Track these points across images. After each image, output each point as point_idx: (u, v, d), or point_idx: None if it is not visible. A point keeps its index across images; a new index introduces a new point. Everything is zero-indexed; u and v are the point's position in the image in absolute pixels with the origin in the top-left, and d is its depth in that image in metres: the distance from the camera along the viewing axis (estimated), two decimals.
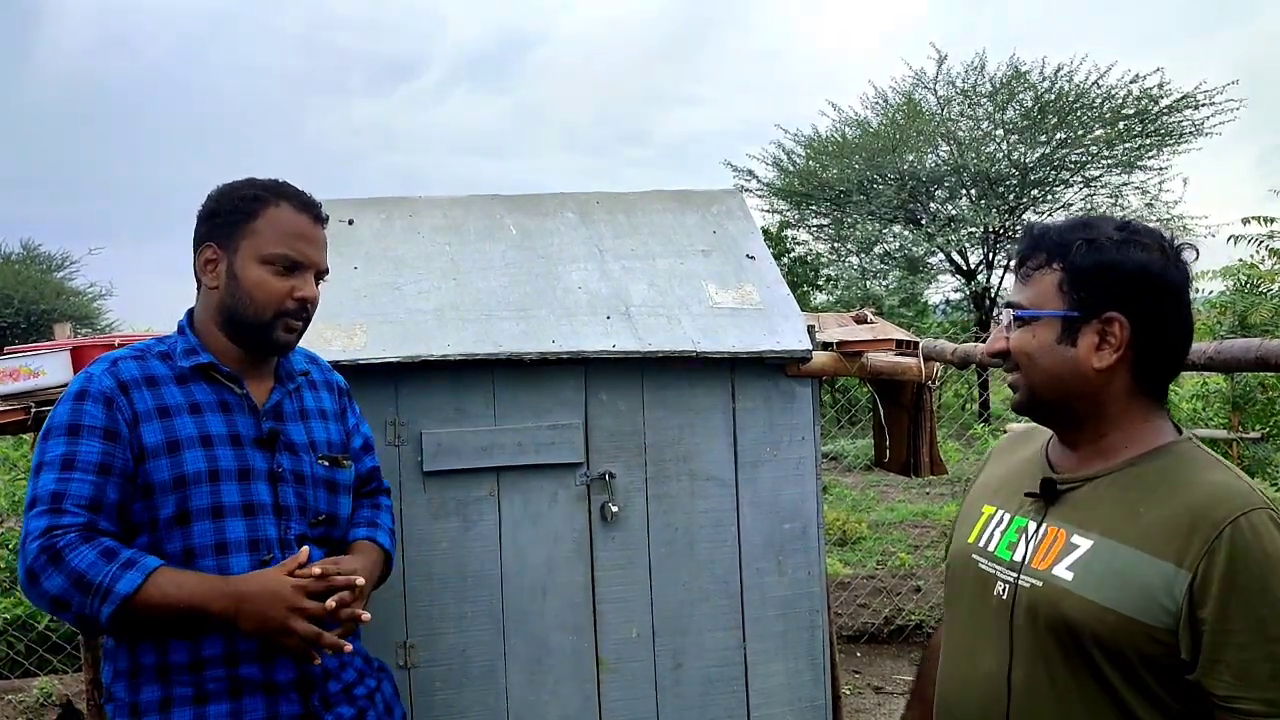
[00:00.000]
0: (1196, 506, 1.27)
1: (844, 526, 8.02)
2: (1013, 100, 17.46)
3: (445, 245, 2.77)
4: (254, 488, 1.77)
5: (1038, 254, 1.42)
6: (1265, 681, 1.19)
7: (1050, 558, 1.39)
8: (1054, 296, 1.38)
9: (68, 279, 23.64)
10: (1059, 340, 1.38)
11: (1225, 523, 1.23)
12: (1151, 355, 1.37)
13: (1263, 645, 1.19)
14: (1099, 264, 1.35)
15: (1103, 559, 1.33)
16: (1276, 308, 5.70)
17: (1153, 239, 1.36)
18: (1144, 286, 1.34)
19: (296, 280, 1.81)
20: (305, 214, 1.84)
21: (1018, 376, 1.45)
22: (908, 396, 2.97)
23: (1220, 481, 1.29)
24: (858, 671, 5.32)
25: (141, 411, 1.72)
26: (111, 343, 2.43)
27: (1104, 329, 1.35)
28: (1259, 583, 1.20)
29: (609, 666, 2.56)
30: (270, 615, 1.64)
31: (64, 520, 1.63)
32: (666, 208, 3.03)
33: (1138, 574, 1.28)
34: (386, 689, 2.00)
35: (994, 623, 1.44)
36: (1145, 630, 1.26)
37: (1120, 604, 1.28)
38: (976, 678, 1.47)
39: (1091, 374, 1.37)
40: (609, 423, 2.57)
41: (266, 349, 1.85)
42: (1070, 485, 1.43)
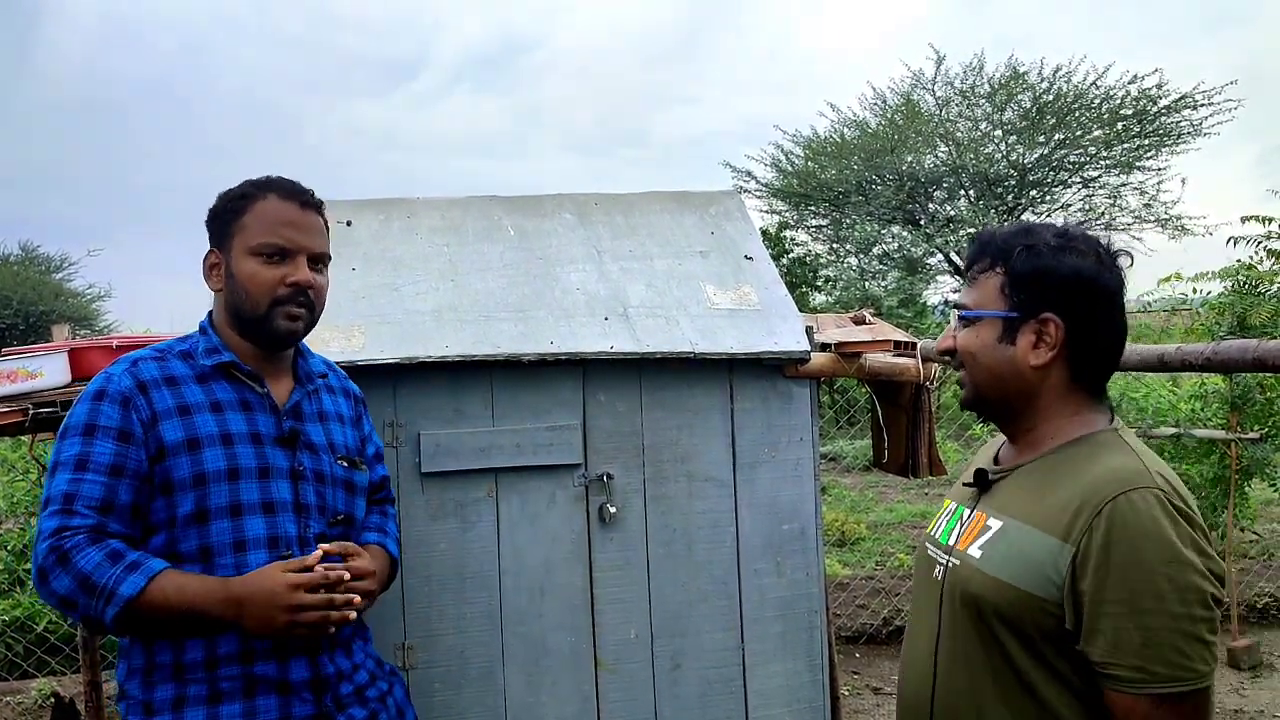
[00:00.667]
0: (1089, 487, 1.36)
1: (843, 527, 8.02)
2: (1011, 101, 17.46)
3: (443, 246, 2.77)
4: (274, 485, 1.78)
5: (983, 258, 1.53)
6: (1137, 649, 1.27)
7: (968, 539, 1.52)
8: (996, 298, 1.50)
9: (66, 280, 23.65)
10: (1000, 339, 1.49)
11: (1107, 500, 1.32)
12: (1085, 354, 1.47)
13: (1134, 615, 1.27)
14: (1036, 269, 1.45)
15: (1007, 538, 1.44)
16: (1276, 308, 5.70)
17: (1089, 246, 1.47)
18: (1078, 290, 1.44)
19: (287, 267, 1.81)
20: (291, 201, 1.84)
21: (964, 374, 1.57)
22: (906, 397, 2.97)
23: (1117, 464, 1.37)
24: (856, 672, 5.32)
25: (161, 410, 1.74)
26: (109, 344, 2.43)
27: (1040, 329, 1.46)
28: (1132, 556, 1.28)
29: (607, 667, 2.56)
30: (271, 617, 1.65)
31: (74, 521, 1.64)
32: (665, 209, 3.03)
33: (1033, 551, 1.38)
34: (398, 693, 2.01)
35: (930, 602, 1.57)
36: (1039, 604, 1.35)
37: (1017, 579, 1.38)
38: (916, 656, 1.60)
39: (1028, 371, 1.48)
40: (607, 424, 2.57)
41: (272, 341, 1.85)
42: (1001, 475, 1.55)
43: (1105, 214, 18.34)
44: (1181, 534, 1.29)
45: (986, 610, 1.41)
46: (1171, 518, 1.29)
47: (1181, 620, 1.26)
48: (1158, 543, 1.28)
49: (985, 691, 1.43)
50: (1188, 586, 1.27)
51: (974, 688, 1.44)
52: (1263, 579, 6.42)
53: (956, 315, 1.57)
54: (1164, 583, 1.26)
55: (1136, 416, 6.87)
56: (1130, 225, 18.28)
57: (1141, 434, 6.21)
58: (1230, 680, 5.21)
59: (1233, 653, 5.40)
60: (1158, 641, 1.26)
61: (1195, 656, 1.27)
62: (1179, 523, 1.30)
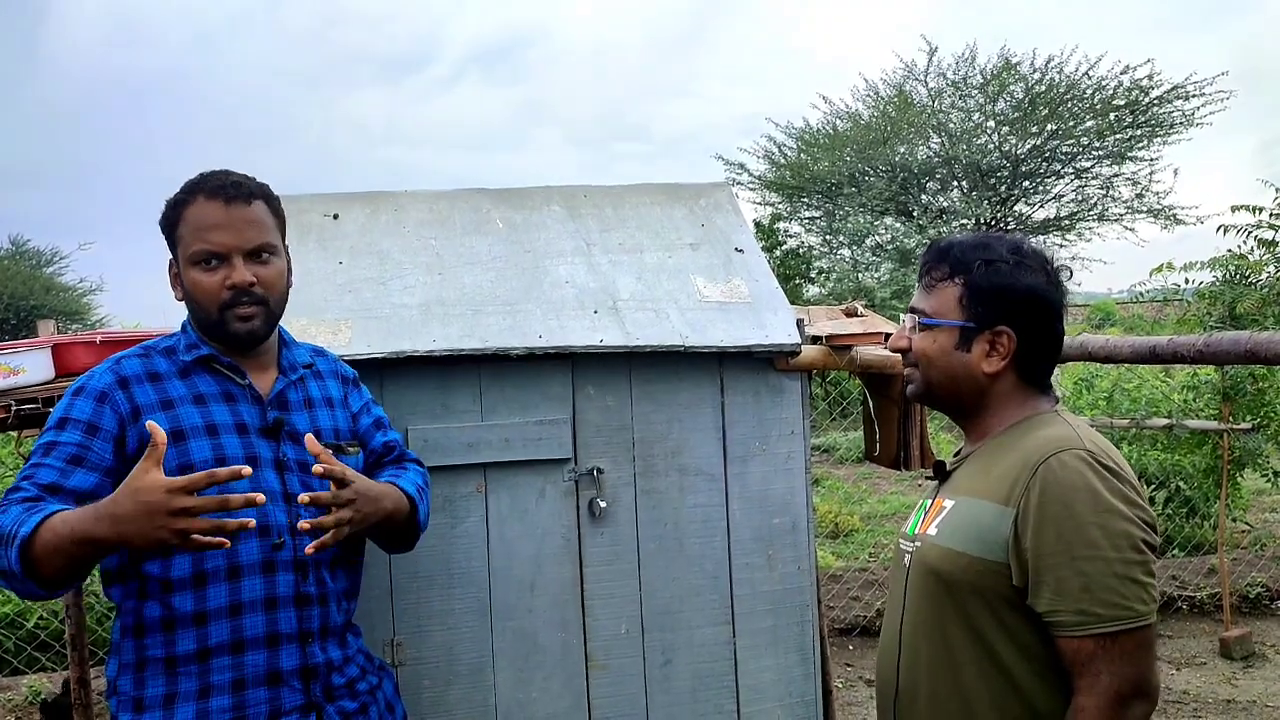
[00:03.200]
0: (1025, 455, 1.49)
1: (836, 519, 8.02)
2: (1003, 92, 17.46)
3: (431, 240, 2.75)
4: (261, 475, 1.77)
5: (940, 266, 1.64)
6: (1077, 594, 1.39)
7: (927, 523, 1.64)
8: (954, 308, 1.62)
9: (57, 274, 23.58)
10: (956, 346, 1.62)
11: (1040, 462, 1.45)
12: (1032, 359, 1.61)
13: (1071, 563, 1.39)
14: (995, 285, 1.58)
15: (960, 513, 1.56)
16: (1264, 298, 5.70)
17: (1038, 262, 1.61)
18: (1031, 306, 1.58)
19: (224, 270, 1.77)
20: (216, 200, 1.78)
21: (914, 371, 1.69)
22: (898, 390, 2.95)
23: (1051, 433, 1.51)
24: (850, 665, 5.32)
25: (144, 405, 1.74)
26: (93, 339, 2.41)
27: (994, 339, 1.60)
28: (1065, 509, 1.40)
29: (598, 663, 2.55)
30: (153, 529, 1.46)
31: (14, 496, 1.61)
32: (654, 201, 3.00)
33: (981, 518, 1.50)
34: (388, 688, 2.01)
35: (898, 588, 1.68)
36: (990, 567, 1.47)
37: (969, 546, 1.50)
38: (886, 639, 1.71)
39: (981, 376, 1.61)
40: (597, 418, 2.55)
41: (233, 344, 1.83)
42: (957, 464, 1.69)
43: (1098, 204, 18.37)
44: (1110, 487, 1.42)
45: (945, 579, 1.53)
46: (1098, 473, 1.42)
47: (1114, 564, 1.38)
48: (1087, 494, 1.40)
49: (944, 659, 1.53)
50: (1118, 533, 1.39)
51: (934, 656, 1.55)
52: (1255, 569, 6.43)
53: (914, 319, 1.68)
54: (1095, 531, 1.38)
55: (1130, 408, 6.89)
56: (1123, 216, 18.32)
57: (1135, 425, 6.21)
58: (1223, 670, 5.22)
59: (1225, 643, 5.42)
60: (1096, 585, 1.38)
61: (1132, 597, 1.38)
62: (1106, 477, 1.42)
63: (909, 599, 1.63)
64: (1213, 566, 6.15)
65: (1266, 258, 5.73)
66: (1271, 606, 6.17)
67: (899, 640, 1.64)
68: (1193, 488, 7.01)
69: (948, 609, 1.53)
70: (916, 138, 18.20)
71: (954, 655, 1.52)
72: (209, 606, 1.71)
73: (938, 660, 1.55)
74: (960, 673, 1.52)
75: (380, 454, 2.04)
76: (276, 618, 1.75)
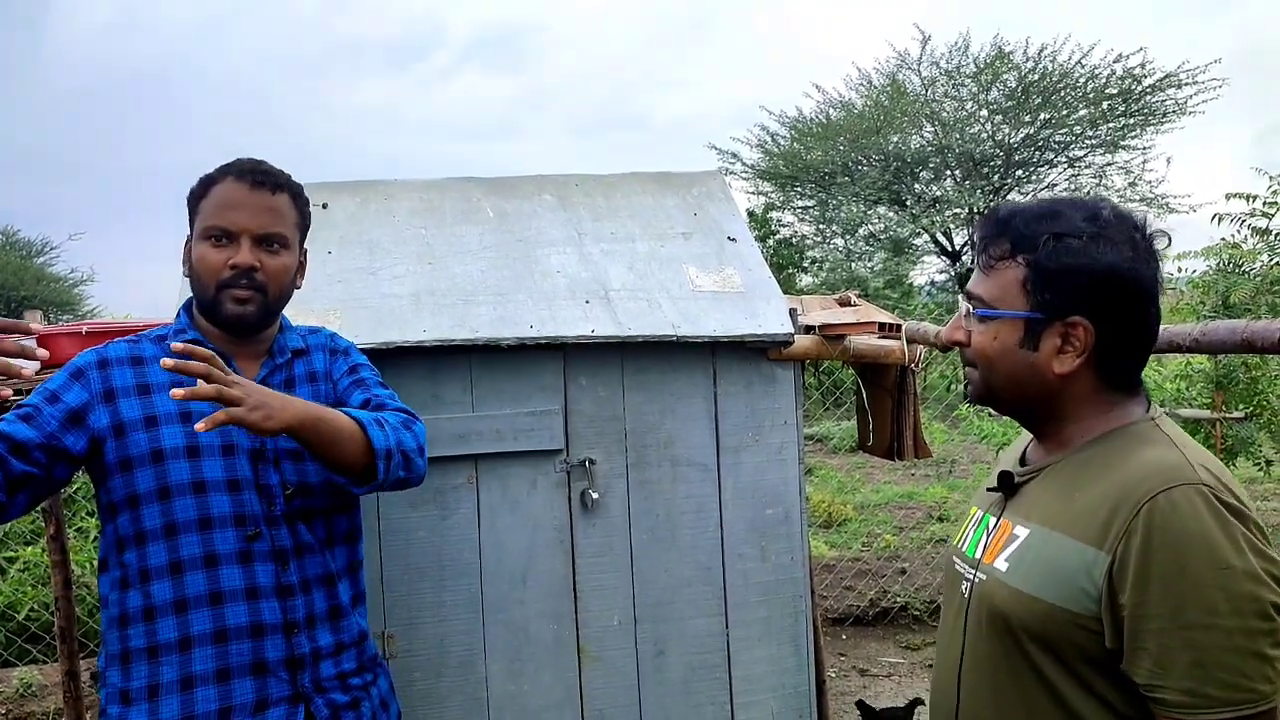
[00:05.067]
0: (1123, 486, 1.21)
1: (829, 509, 8.03)
2: (997, 81, 17.44)
3: (421, 229, 2.72)
4: (238, 463, 1.76)
5: (1000, 242, 1.34)
6: (1186, 669, 1.12)
7: (994, 550, 1.37)
8: (1017, 295, 1.32)
9: (48, 265, 23.48)
10: (1021, 344, 1.33)
11: (1145, 500, 1.17)
12: (1117, 353, 1.31)
13: (1182, 632, 1.12)
14: (1066, 266, 1.28)
15: (1034, 548, 1.29)
16: (1258, 286, 5.70)
17: (1124, 232, 1.29)
18: (1112, 289, 1.27)
19: (230, 249, 1.77)
20: (242, 182, 1.80)
21: (974, 372, 1.42)
22: (891, 380, 2.94)
23: (1154, 458, 1.22)
24: (843, 654, 5.33)
25: (119, 387, 1.74)
26: (78, 330, 2.38)
27: (1067, 332, 1.30)
28: (1176, 564, 1.13)
29: (590, 655, 2.53)
30: None
31: None
32: (646, 190, 2.98)
33: (1063, 560, 1.23)
34: (383, 684, 1.98)
35: (957, 619, 1.42)
36: (1073, 619, 1.21)
37: (1047, 592, 1.24)
38: (941, 679, 1.46)
39: (1052, 378, 1.32)
40: (589, 409, 2.54)
41: (223, 325, 1.81)
42: (1028, 477, 1.40)
43: (1091, 193, 18.37)
44: (1232, 535, 1.13)
45: (1015, 627, 1.27)
46: (1219, 517, 1.14)
47: (1236, 635, 1.11)
48: (1205, 546, 1.13)
49: (1013, 714, 1.30)
50: (1242, 595, 1.11)
51: (1001, 710, 1.31)
52: None
53: (968, 307, 1.40)
54: (1215, 593, 1.11)
55: None
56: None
57: None
58: None
59: None
60: (1210, 660, 1.11)
61: (1255, 675, 1.11)
62: (1229, 522, 1.14)
63: (970, 638, 1.38)
64: None
65: (1260, 246, 5.72)
66: None
67: (958, 683, 1.40)
68: None
69: (1019, 660, 1.28)
70: (910, 127, 18.19)
71: (1024, 712, 1.28)
72: (188, 594, 1.70)
73: (1006, 716, 1.31)
74: None
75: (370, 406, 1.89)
76: (259, 608, 1.73)
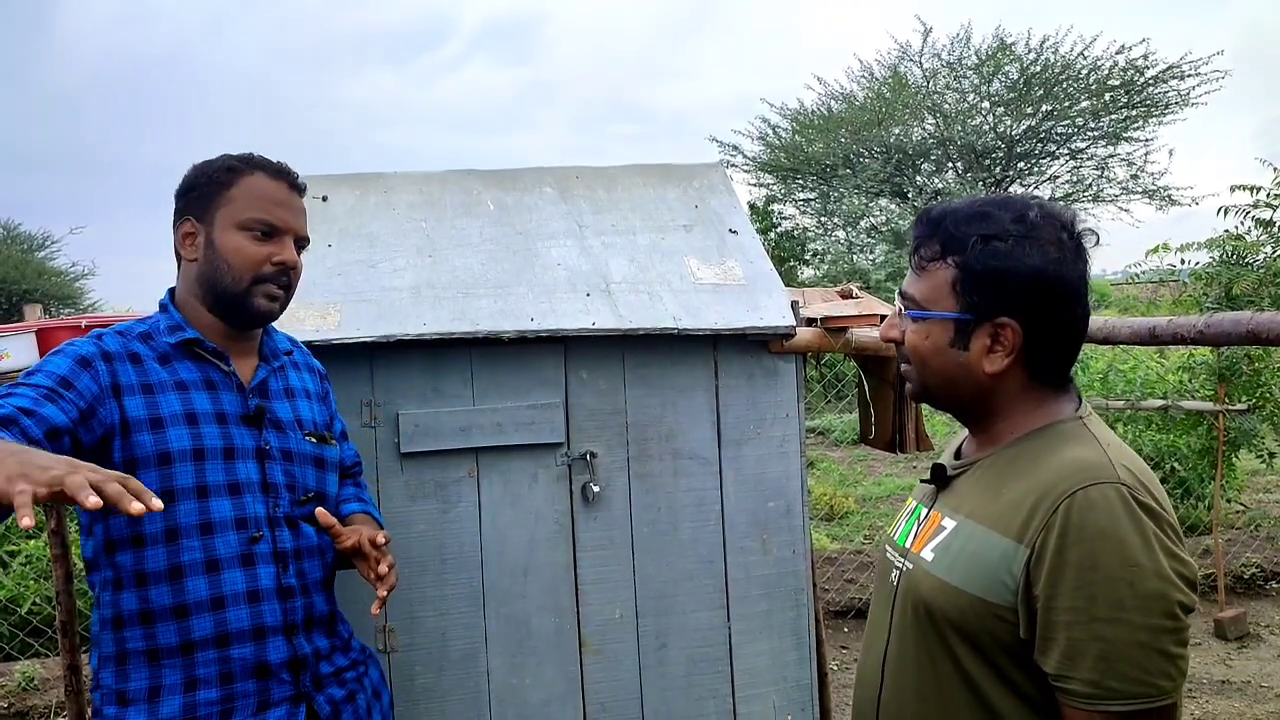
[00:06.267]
0: (1045, 482, 1.24)
1: (831, 501, 8.03)
2: (998, 73, 17.41)
3: (421, 222, 2.71)
4: (239, 466, 1.74)
5: (932, 243, 1.37)
6: (1092, 662, 1.16)
7: (922, 540, 1.41)
8: (947, 296, 1.35)
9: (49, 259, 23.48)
10: (951, 344, 1.36)
11: (1064, 497, 1.20)
12: (1045, 352, 1.34)
13: (1090, 625, 1.16)
14: (993, 269, 1.30)
15: (960, 539, 1.33)
16: (1261, 278, 5.68)
17: (1050, 233, 1.31)
18: (1038, 291, 1.30)
19: (274, 245, 1.78)
20: (281, 181, 1.82)
21: (910, 370, 1.45)
22: (892, 372, 2.93)
23: (1076, 456, 1.25)
24: (845, 647, 5.33)
25: (125, 384, 1.68)
26: (78, 324, 2.38)
27: (996, 332, 1.33)
28: (1088, 559, 1.16)
29: (592, 648, 2.53)
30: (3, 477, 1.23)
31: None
32: (647, 182, 2.97)
33: (985, 553, 1.27)
34: (374, 673, 1.99)
35: (884, 607, 1.47)
36: (993, 610, 1.24)
37: (969, 584, 1.27)
38: (867, 663, 1.50)
39: (983, 377, 1.35)
40: (590, 402, 2.53)
41: (247, 319, 1.81)
42: (960, 470, 1.44)
43: (1093, 185, 18.35)
44: (1144, 534, 1.17)
45: (937, 617, 1.31)
46: (1134, 516, 1.17)
47: (1141, 631, 1.14)
48: (1117, 544, 1.16)
49: (933, 703, 1.33)
50: (1150, 594, 1.15)
51: (920, 698, 1.35)
52: (1249, 550, 6.44)
53: (901, 306, 1.43)
54: (1124, 589, 1.15)
55: (1125, 389, 6.88)
56: (1118, 197, 18.30)
57: (1130, 406, 6.20)
58: (1217, 651, 5.23)
59: (1220, 623, 5.42)
60: (1115, 655, 1.15)
61: (1156, 672, 1.15)
62: (1142, 521, 1.17)
63: (895, 627, 1.42)
64: (1207, 547, 6.15)
65: (1264, 238, 5.71)
66: (1266, 587, 6.18)
67: (881, 672, 1.44)
68: (1188, 469, 7.00)
69: (939, 649, 1.32)
70: (911, 119, 18.15)
71: (944, 702, 1.32)
72: (189, 600, 1.67)
73: (924, 704, 1.35)
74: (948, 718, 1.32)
75: (348, 466, 2.07)
76: (261, 610, 1.73)
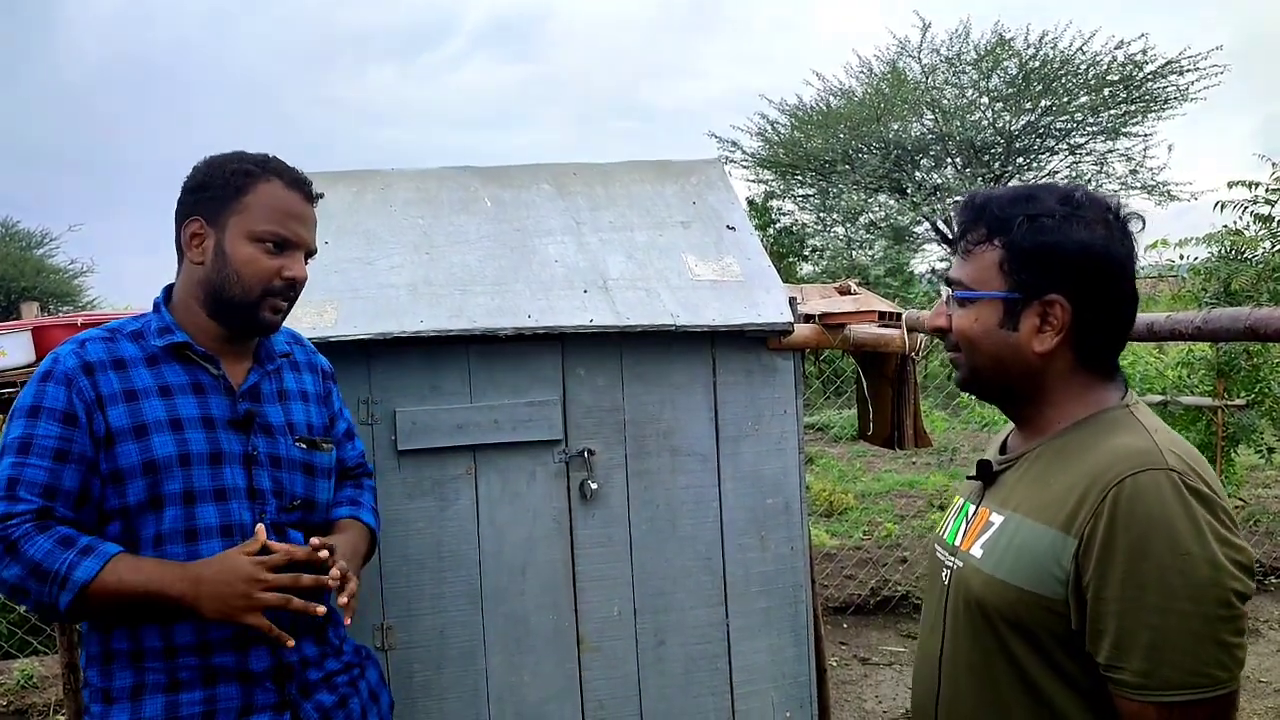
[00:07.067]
0: (1093, 471, 1.23)
1: (830, 497, 8.02)
2: (997, 68, 17.39)
3: (418, 219, 2.71)
4: (226, 471, 1.72)
5: (978, 227, 1.37)
6: (1144, 651, 1.14)
7: (971, 537, 1.40)
8: (995, 276, 1.35)
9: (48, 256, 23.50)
10: (1000, 324, 1.35)
11: (1112, 484, 1.19)
12: (1094, 332, 1.33)
13: (1140, 614, 1.14)
14: (1041, 245, 1.30)
15: (1008, 534, 1.32)
16: (1259, 273, 5.68)
17: (1097, 212, 1.32)
18: (1086, 266, 1.30)
19: (285, 259, 1.77)
20: (297, 191, 1.80)
21: (959, 356, 1.43)
22: (891, 368, 2.93)
23: (1124, 444, 1.24)
24: (844, 643, 5.33)
25: (106, 395, 1.67)
26: (73, 322, 2.37)
27: (1045, 311, 1.32)
28: (1138, 547, 1.15)
29: (590, 645, 2.53)
30: (230, 595, 1.59)
31: (18, 508, 1.59)
32: (644, 178, 2.96)
33: (1034, 546, 1.26)
34: (371, 675, 1.96)
35: (937, 607, 1.45)
36: (1044, 603, 1.23)
37: (1019, 578, 1.26)
38: (923, 665, 1.49)
39: (1033, 357, 1.34)
40: (587, 399, 2.52)
41: (251, 329, 1.80)
42: (1005, 465, 1.42)
43: (1092, 181, 18.34)
44: (1195, 520, 1.15)
45: (990, 613, 1.30)
46: (1184, 502, 1.15)
47: (1193, 620, 1.12)
48: (1167, 531, 1.14)
49: (991, 700, 1.32)
50: (1203, 582, 1.13)
51: (980, 697, 1.34)
52: (1249, 544, 6.43)
53: (949, 292, 1.42)
54: (1175, 577, 1.13)
55: None
56: (1117, 192, 18.30)
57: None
58: None
59: None
60: (1167, 644, 1.13)
61: (1210, 661, 1.13)
62: (1193, 507, 1.15)
63: (949, 627, 1.40)
64: None
65: (1262, 233, 5.71)
66: (1265, 582, 6.18)
67: (938, 673, 1.42)
68: None
69: (993, 646, 1.31)
70: (910, 114, 18.13)
71: (1002, 699, 1.30)
72: None
73: (983, 702, 1.33)
74: (1007, 716, 1.30)
75: (351, 467, 2.05)
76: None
